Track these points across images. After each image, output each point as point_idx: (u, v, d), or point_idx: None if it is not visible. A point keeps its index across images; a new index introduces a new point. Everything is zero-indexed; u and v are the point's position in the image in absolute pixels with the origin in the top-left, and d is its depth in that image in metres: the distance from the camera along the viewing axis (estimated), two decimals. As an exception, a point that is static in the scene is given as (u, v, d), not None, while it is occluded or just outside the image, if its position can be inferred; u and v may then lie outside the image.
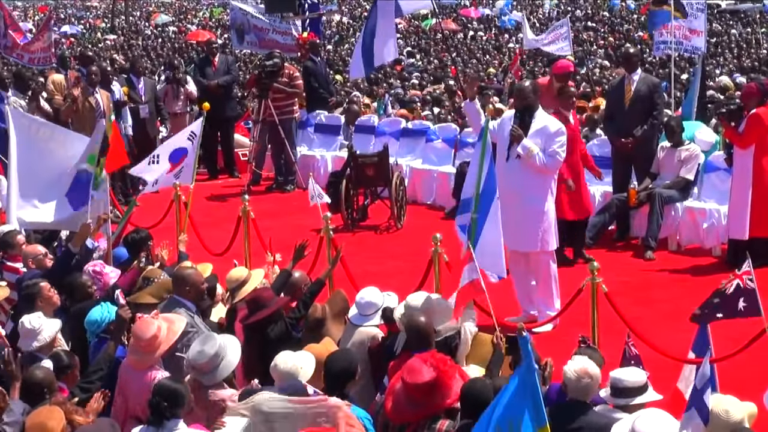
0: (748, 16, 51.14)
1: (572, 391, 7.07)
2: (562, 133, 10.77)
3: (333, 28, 51.93)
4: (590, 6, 60.84)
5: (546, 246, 10.77)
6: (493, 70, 31.82)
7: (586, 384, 7.05)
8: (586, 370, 7.08)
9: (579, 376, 7.04)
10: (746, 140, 12.60)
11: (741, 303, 7.58)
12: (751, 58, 33.20)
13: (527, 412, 5.64)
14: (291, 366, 7.70)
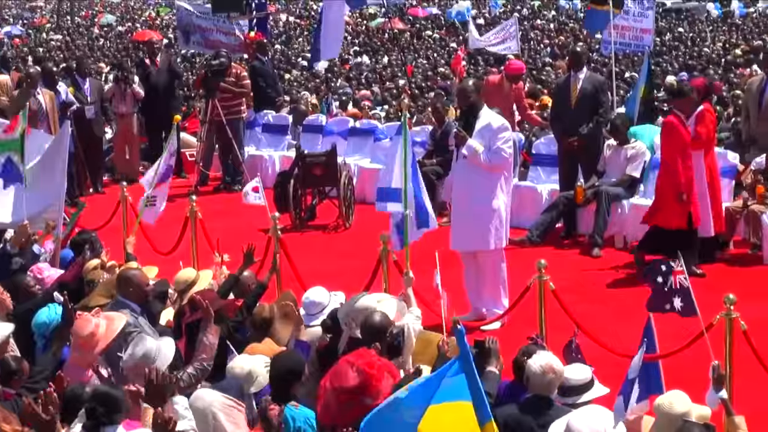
0: (693, 14, 51.53)
1: (536, 386, 7.05)
2: (506, 129, 10.81)
3: (280, 27, 51.76)
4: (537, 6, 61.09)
5: (497, 244, 10.82)
6: (442, 69, 31.83)
7: (550, 380, 7.05)
8: (552, 365, 7.09)
9: (544, 371, 7.03)
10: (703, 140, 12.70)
11: (678, 302, 7.60)
12: (696, 57, 33.44)
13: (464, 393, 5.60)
14: (249, 370, 7.71)
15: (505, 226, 10.91)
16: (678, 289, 7.58)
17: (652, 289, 7.83)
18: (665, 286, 7.75)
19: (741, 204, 12.99)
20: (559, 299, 9.07)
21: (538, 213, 14.39)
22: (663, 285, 7.76)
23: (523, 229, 14.26)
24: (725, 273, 12.43)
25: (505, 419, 6.83)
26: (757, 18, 48.93)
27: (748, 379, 7.91)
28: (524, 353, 7.39)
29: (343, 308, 8.58)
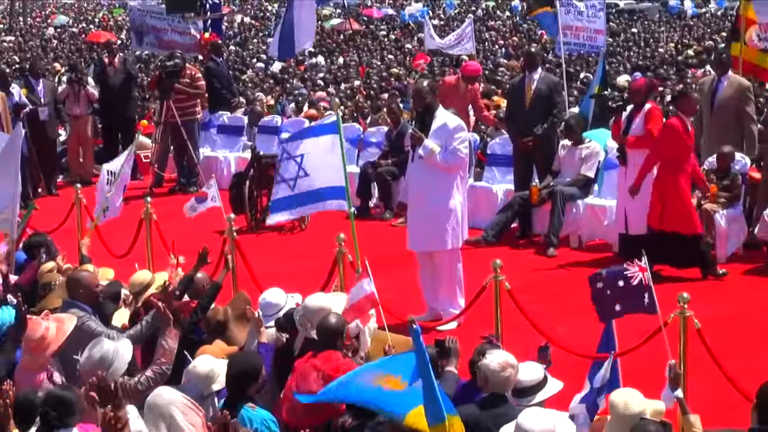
0: (646, 15, 51.88)
1: (493, 384, 7.05)
2: (462, 129, 10.85)
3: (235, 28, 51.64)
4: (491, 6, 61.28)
5: (453, 244, 10.85)
6: (395, 70, 31.87)
7: (509, 375, 7.06)
8: (508, 361, 7.11)
9: (503, 367, 7.03)
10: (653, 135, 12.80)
11: (646, 298, 7.66)
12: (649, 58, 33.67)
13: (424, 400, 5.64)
14: (209, 370, 7.69)
15: (462, 225, 10.94)
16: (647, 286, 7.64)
17: (593, 298, 7.90)
18: (605, 291, 7.81)
19: (695, 203, 13.08)
20: (514, 299, 9.10)
21: (493, 213, 14.43)
22: (603, 290, 7.83)
23: (478, 229, 14.30)
24: (679, 271, 12.51)
25: (463, 419, 6.83)
26: (708, 18, 49.32)
27: (702, 377, 7.98)
28: (479, 353, 7.41)
29: (299, 309, 8.58)
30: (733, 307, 11.12)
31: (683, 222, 12.02)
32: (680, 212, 12.00)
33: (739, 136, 13.84)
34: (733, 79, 14.18)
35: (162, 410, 6.96)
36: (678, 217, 12.00)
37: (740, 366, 8.23)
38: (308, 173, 10.19)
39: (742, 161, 13.35)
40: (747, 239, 13.05)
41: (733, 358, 8.13)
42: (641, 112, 12.80)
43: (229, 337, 8.88)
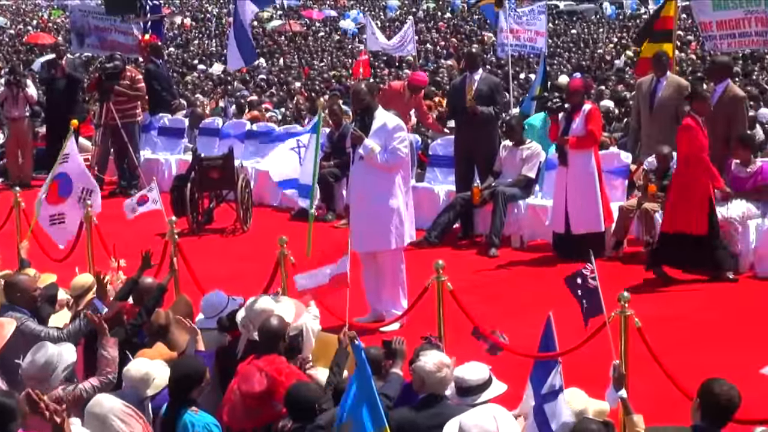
0: (585, 16, 52.27)
1: (429, 385, 7.07)
2: (401, 128, 10.87)
3: (176, 30, 51.37)
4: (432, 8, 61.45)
5: (397, 243, 10.86)
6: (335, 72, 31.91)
7: (444, 375, 7.07)
8: (443, 360, 7.12)
9: (438, 368, 7.05)
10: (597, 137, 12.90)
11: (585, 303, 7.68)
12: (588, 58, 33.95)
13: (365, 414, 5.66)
14: (144, 373, 7.64)
15: (407, 225, 10.96)
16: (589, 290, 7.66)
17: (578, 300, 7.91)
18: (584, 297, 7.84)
19: (634, 203, 13.20)
20: (457, 300, 9.10)
21: (435, 214, 14.47)
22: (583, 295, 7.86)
23: (420, 230, 14.32)
24: (619, 271, 12.61)
25: (399, 422, 6.83)
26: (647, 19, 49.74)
27: (643, 376, 8.03)
28: (418, 354, 7.42)
29: (241, 311, 8.55)
30: (673, 306, 11.22)
31: (694, 222, 11.90)
32: (692, 212, 11.89)
33: (677, 135, 13.97)
34: (672, 79, 14.30)
35: (102, 419, 6.91)
36: (689, 217, 11.90)
37: (680, 364, 8.30)
38: None
39: (681, 161, 13.46)
40: (686, 238, 13.16)
41: (674, 356, 8.19)
42: (581, 113, 12.93)
43: (171, 341, 8.82)
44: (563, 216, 13.05)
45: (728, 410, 6.28)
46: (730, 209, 12.29)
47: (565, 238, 13.06)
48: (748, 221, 12.28)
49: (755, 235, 12.27)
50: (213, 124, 19.00)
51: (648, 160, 13.54)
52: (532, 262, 13.14)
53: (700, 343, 10.09)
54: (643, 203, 13.06)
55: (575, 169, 12.96)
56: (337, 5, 63.95)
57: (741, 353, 9.62)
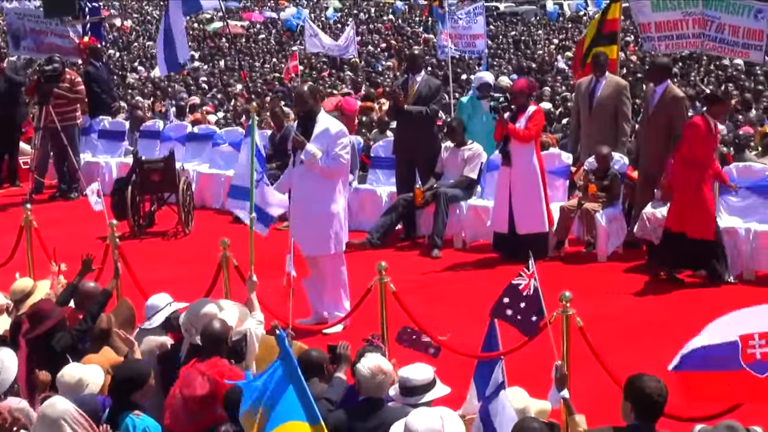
0: (525, 18, 52.53)
1: (366, 389, 7.08)
2: (344, 134, 10.87)
3: (115, 32, 51.01)
4: (374, 9, 61.49)
5: (336, 248, 10.86)
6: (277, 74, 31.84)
7: (380, 380, 7.08)
8: (380, 366, 7.12)
9: (373, 373, 7.06)
10: (533, 135, 12.98)
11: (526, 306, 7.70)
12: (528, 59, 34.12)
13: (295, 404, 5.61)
14: (78, 378, 7.56)
15: (345, 230, 10.97)
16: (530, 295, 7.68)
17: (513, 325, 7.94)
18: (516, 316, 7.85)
19: (575, 203, 13.29)
20: (399, 301, 9.12)
21: (377, 215, 14.48)
22: (514, 316, 7.86)
23: (363, 231, 14.35)
24: (561, 271, 12.69)
25: (335, 425, 6.84)
26: (587, 20, 50.05)
27: (585, 375, 8.08)
28: (360, 356, 7.42)
29: (183, 314, 8.50)
30: (614, 305, 11.31)
31: (701, 226, 11.88)
32: (700, 216, 11.88)
33: (616, 135, 14.07)
34: (611, 79, 14.42)
35: (52, 421, 6.83)
36: (699, 222, 11.88)
37: (622, 363, 8.36)
38: None
39: (621, 161, 13.58)
40: (627, 238, 13.28)
41: (615, 355, 8.26)
42: (525, 113, 13.01)
43: (114, 346, 8.76)
44: (506, 216, 13.11)
45: (661, 405, 6.32)
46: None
47: (509, 239, 13.12)
48: (687, 220, 12.39)
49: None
50: (154, 127, 18.89)
51: (588, 160, 13.64)
52: (475, 263, 13.20)
53: (642, 342, 10.17)
54: (584, 203, 13.16)
55: (519, 169, 13.03)
56: (278, 6, 63.78)
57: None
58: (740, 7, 16.03)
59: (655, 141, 12.95)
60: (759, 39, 16.20)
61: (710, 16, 16.28)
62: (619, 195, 13.38)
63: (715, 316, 6.42)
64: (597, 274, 12.65)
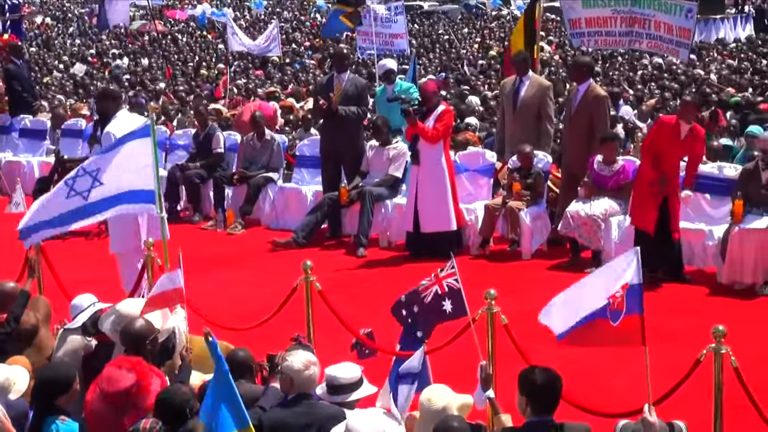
0: (449, 16, 52.73)
1: (298, 384, 7.04)
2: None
3: (36, 29, 50.41)
4: (297, 8, 61.38)
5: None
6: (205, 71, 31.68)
7: (312, 373, 7.06)
8: (310, 359, 7.12)
9: (306, 366, 7.03)
10: (440, 135, 13.05)
11: (448, 305, 7.75)
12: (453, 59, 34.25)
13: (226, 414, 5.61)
14: (3, 379, 7.44)
15: None
16: (447, 292, 7.73)
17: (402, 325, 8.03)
18: (408, 319, 7.94)
19: (500, 201, 13.38)
20: (325, 299, 9.12)
21: (303, 214, 14.47)
22: (406, 318, 7.95)
23: (288, 230, 14.34)
24: (486, 269, 12.77)
25: (270, 424, 6.82)
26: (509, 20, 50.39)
27: (511, 372, 8.13)
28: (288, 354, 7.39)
29: (107, 317, 8.39)
30: (539, 302, 11.31)
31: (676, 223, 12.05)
32: (676, 214, 12.02)
33: (539, 135, 14.17)
34: (534, 79, 14.53)
35: None
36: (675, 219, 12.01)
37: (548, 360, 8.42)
38: (103, 182, 9.88)
39: (545, 160, 13.70)
40: (551, 236, 13.40)
41: (541, 352, 8.31)
42: (433, 114, 13.10)
43: (41, 340, 8.68)
44: (413, 214, 13.22)
45: (555, 396, 6.40)
46: (593, 206, 12.52)
47: (416, 237, 13.23)
48: (610, 218, 12.52)
49: (617, 232, 12.53)
50: (76, 126, 18.70)
51: (512, 159, 13.73)
52: (399, 261, 13.23)
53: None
54: (508, 202, 13.25)
55: (427, 168, 13.14)
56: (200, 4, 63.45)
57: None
58: (672, 6, 16.26)
59: (578, 139, 13.07)
60: (687, 37, 16.46)
61: (643, 14, 16.49)
62: (542, 193, 13.50)
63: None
64: (521, 271, 12.75)
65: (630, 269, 6.61)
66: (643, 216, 11.98)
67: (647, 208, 11.93)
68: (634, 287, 6.57)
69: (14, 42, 20.46)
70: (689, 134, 11.94)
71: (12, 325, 8.65)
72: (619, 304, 6.57)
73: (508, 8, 55.88)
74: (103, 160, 9.57)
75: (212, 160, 15.94)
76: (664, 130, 12.04)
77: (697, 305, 11.38)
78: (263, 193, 15.48)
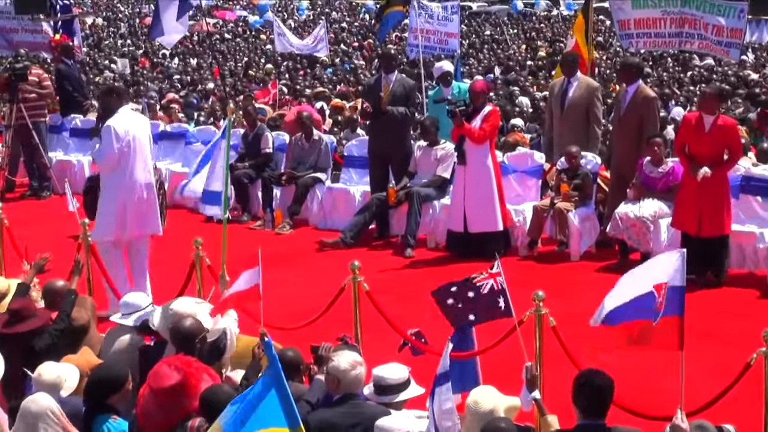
0: (497, 17, 52.60)
1: (345, 385, 7.06)
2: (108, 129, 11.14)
3: (87, 29, 50.77)
4: (345, 9, 61.45)
5: None
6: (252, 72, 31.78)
7: (359, 373, 7.08)
8: (356, 359, 7.13)
9: (353, 366, 7.05)
10: (487, 135, 13.04)
11: (502, 302, 7.78)
12: (500, 58, 34.18)
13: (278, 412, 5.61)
14: (55, 377, 7.51)
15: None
16: (500, 290, 7.75)
17: (444, 313, 8.03)
18: (456, 305, 7.94)
19: (548, 203, 13.33)
20: (373, 300, 9.14)
21: (351, 215, 14.49)
22: (454, 305, 7.96)
23: (336, 231, 14.37)
24: (534, 270, 12.74)
25: (318, 424, 6.83)
26: (558, 20, 50.20)
27: (558, 374, 8.11)
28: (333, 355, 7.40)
29: (160, 314, 8.43)
30: (587, 305, 11.26)
31: (720, 224, 11.89)
32: (720, 214, 11.87)
33: (588, 136, 14.12)
34: (582, 80, 14.47)
35: (31, 419, 6.77)
36: (716, 220, 11.86)
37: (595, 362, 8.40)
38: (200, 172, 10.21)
39: (593, 161, 13.64)
40: (599, 237, 13.34)
41: (587, 353, 8.28)
42: (480, 114, 13.09)
43: (91, 338, 8.77)
44: (461, 215, 13.19)
45: (608, 398, 6.38)
46: (642, 208, 12.45)
47: (463, 237, 13.21)
48: (659, 220, 12.45)
49: (666, 234, 12.45)
50: (126, 125, 18.79)
51: (561, 160, 13.69)
52: (447, 262, 13.21)
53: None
54: (556, 203, 13.20)
55: (473, 168, 13.12)
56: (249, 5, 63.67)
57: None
58: (723, 7, 16.16)
59: (627, 141, 13.01)
60: (738, 38, 16.36)
61: (693, 15, 16.40)
62: (591, 194, 13.44)
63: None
64: (570, 273, 12.70)
65: (672, 269, 6.57)
66: (683, 217, 11.91)
67: (686, 208, 11.86)
68: (675, 288, 6.54)
69: (66, 42, 20.58)
70: (714, 126, 11.84)
71: (66, 321, 8.73)
72: (660, 303, 6.54)
73: (557, 8, 55.66)
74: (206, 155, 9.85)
75: (261, 160, 16.00)
76: (688, 126, 12.06)
77: (748, 308, 11.30)
78: (311, 194, 15.52)
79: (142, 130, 11.38)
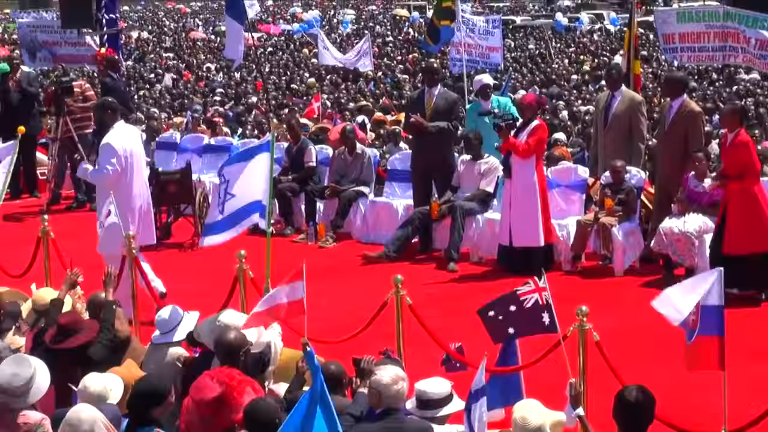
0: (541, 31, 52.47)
1: (386, 399, 7.05)
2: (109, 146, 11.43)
3: (133, 44, 51.15)
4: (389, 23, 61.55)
5: None
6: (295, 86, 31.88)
7: (401, 388, 7.05)
8: (398, 374, 7.11)
9: (395, 380, 7.03)
10: (531, 150, 13.00)
11: (546, 318, 7.77)
12: (544, 72, 34.09)
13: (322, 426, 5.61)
14: (101, 388, 7.53)
15: None
16: (545, 305, 7.75)
17: (485, 325, 8.03)
18: (497, 318, 7.94)
19: (592, 217, 13.28)
20: (416, 314, 9.12)
21: (394, 228, 14.49)
22: (495, 317, 7.96)
23: (379, 244, 14.36)
24: (577, 285, 12.68)
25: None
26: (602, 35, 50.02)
27: (602, 390, 8.07)
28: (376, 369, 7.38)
29: (204, 327, 8.46)
30: (631, 320, 11.27)
31: (761, 240, 11.78)
32: (758, 230, 11.74)
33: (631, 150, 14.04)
34: (626, 94, 14.41)
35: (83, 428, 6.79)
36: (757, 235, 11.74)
37: (639, 378, 8.35)
38: (234, 194, 10.19)
39: (638, 176, 13.57)
40: (643, 252, 13.26)
41: (632, 370, 8.24)
42: (528, 128, 13.07)
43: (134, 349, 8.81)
44: (507, 228, 13.17)
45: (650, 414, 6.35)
46: (687, 223, 12.38)
47: (510, 251, 13.18)
48: (704, 235, 12.36)
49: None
50: (171, 138, 18.93)
51: (605, 174, 13.63)
52: (491, 277, 13.18)
53: (657, 356, 10.13)
54: (600, 217, 13.14)
55: (519, 182, 13.10)
56: (294, 20, 63.91)
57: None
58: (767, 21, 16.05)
59: (671, 155, 12.95)
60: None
61: (736, 28, 16.30)
62: (635, 209, 13.37)
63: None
64: (613, 288, 12.64)
65: (706, 288, 6.49)
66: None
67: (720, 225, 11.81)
68: (709, 308, 6.46)
69: (111, 56, 20.70)
70: (732, 143, 11.85)
71: (112, 332, 8.77)
72: (693, 322, 6.48)
73: (601, 22, 55.47)
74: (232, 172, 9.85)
75: (304, 173, 16.04)
76: (722, 142, 12.18)
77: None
78: (354, 207, 15.54)
79: (137, 143, 11.89)
